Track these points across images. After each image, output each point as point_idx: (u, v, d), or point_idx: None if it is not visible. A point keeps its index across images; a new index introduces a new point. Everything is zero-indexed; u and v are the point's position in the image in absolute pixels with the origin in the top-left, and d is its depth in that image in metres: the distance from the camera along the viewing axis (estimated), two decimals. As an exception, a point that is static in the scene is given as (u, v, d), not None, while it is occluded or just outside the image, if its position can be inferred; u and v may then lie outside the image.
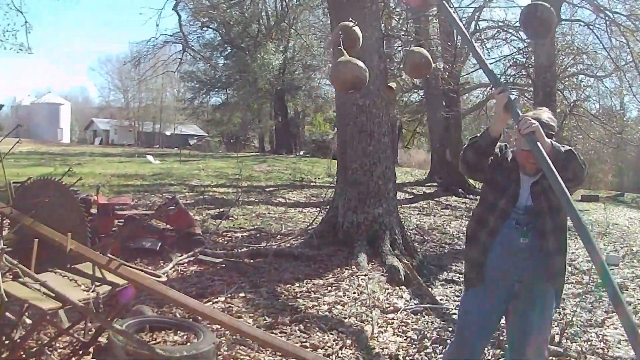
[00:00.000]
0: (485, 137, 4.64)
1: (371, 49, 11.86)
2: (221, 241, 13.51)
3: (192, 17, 44.49)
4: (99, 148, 61.31)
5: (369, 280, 9.97)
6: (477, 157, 4.73)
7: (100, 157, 39.86)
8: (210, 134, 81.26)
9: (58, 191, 7.05)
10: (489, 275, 4.80)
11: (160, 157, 40.73)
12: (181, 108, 73.08)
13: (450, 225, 17.83)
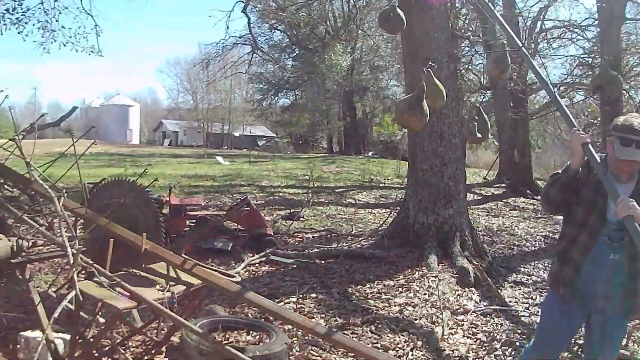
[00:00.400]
0: (567, 172, 4.63)
1: (440, 49, 11.83)
2: (292, 242, 13.57)
3: (261, 19, 44.73)
4: (168, 149, 62.00)
5: (439, 281, 9.96)
6: (562, 194, 4.72)
7: (170, 158, 40.30)
8: (279, 135, 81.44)
9: (132, 192, 7.15)
10: (579, 292, 4.74)
11: (230, 158, 41.01)
12: (250, 109, 73.43)
13: (518, 226, 17.63)
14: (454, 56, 13.00)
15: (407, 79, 12.84)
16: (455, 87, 12.84)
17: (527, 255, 13.66)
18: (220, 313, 7.68)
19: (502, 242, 15.01)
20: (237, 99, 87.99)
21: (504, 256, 13.50)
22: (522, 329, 8.40)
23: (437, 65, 11.65)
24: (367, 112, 61.92)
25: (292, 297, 9.12)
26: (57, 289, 7.53)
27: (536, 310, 9.29)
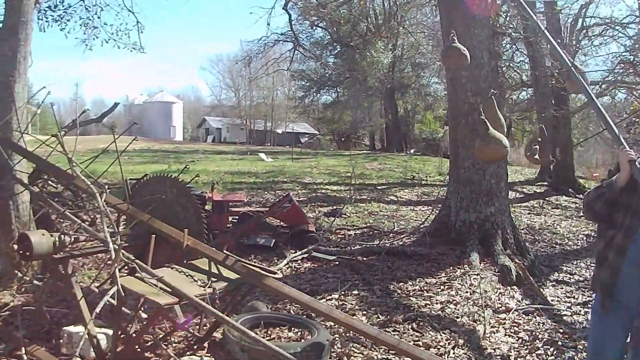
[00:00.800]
0: (613, 189, 4.59)
1: (481, 46, 11.79)
2: (334, 238, 13.60)
3: (302, 16, 44.70)
4: (211, 146, 62.24)
5: (481, 279, 9.93)
6: (607, 207, 4.69)
7: (213, 154, 40.44)
8: (321, 132, 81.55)
9: (174, 188, 7.20)
10: (618, 294, 4.67)
11: (272, 154, 41.14)
12: (292, 106, 73.72)
13: (560, 225, 17.52)
14: (495, 53, 12.91)
15: (448, 76, 12.81)
16: (496, 84, 12.76)
17: (569, 254, 13.58)
18: (262, 309, 7.71)
19: (544, 241, 14.94)
20: (279, 96, 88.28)
21: (546, 255, 13.43)
22: (564, 328, 8.35)
23: (477, 60, 11.71)
24: (409, 110, 61.79)
25: (334, 294, 9.14)
26: (100, 285, 7.60)
27: (578, 309, 9.25)
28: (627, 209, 4.57)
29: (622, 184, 4.53)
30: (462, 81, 11.87)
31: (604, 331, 4.84)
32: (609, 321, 4.77)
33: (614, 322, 4.74)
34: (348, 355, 6.73)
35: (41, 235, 5.75)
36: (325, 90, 61.76)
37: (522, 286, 10.28)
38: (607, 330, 4.81)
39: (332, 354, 6.68)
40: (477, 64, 11.69)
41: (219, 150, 46.93)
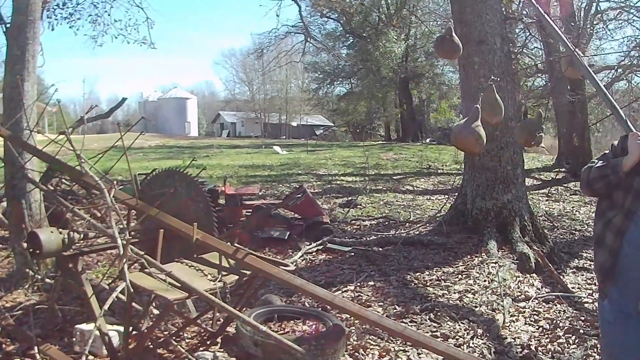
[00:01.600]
0: (617, 172, 4.43)
1: (494, 31, 11.68)
2: (350, 229, 13.54)
3: (312, 8, 44.72)
4: (226, 140, 62.40)
5: (499, 268, 9.81)
6: (606, 188, 4.53)
7: (228, 149, 40.56)
8: (336, 124, 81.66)
9: (183, 182, 7.15)
10: (619, 277, 4.54)
11: (287, 147, 41.22)
12: (306, 99, 73.93)
13: (579, 211, 17.38)
14: (507, 38, 12.79)
15: (460, 62, 12.67)
16: (510, 70, 12.63)
17: (589, 240, 13.40)
18: (276, 302, 7.67)
19: (563, 227, 14.81)
20: (293, 89, 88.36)
21: (566, 241, 13.30)
22: (585, 315, 8.22)
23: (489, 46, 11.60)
24: (424, 99, 61.86)
25: (349, 285, 9.06)
26: (112, 281, 7.58)
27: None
28: (629, 190, 4.43)
29: (628, 169, 4.39)
30: (475, 67, 11.75)
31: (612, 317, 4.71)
32: (614, 306, 4.64)
33: (619, 306, 4.61)
34: (364, 348, 6.64)
35: (50, 233, 5.70)
36: (339, 82, 61.94)
37: (541, 274, 10.16)
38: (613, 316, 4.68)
39: (348, 346, 6.61)
40: (489, 49, 11.61)
41: (234, 145, 47.07)
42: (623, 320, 4.54)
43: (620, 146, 4.57)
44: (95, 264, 9.76)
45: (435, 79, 56.92)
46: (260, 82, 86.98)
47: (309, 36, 37.28)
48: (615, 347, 4.72)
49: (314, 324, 7.04)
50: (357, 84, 60.10)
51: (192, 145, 45.44)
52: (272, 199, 15.98)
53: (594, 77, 5.37)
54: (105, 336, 5.66)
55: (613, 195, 4.51)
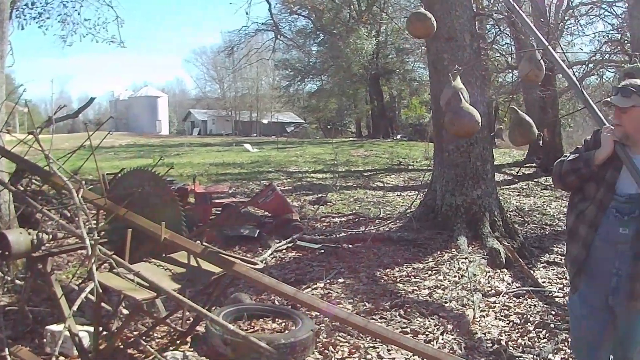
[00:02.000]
0: (589, 165, 4.45)
1: (463, 28, 11.72)
2: (319, 227, 13.52)
3: (283, 5, 44.69)
4: (197, 138, 62.27)
5: (469, 263, 9.83)
6: (579, 181, 4.56)
7: (199, 147, 40.48)
8: (307, 121, 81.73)
9: (151, 181, 7.09)
10: (590, 270, 4.54)
11: (258, 145, 41.15)
12: (277, 96, 73.95)
13: (550, 206, 17.49)
14: (477, 35, 12.82)
15: (429, 58, 12.72)
16: (480, 66, 12.67)
17: (560, 235, 13.48)
18: (246, 301, 7.63)
19: (534, 222, 14.89)
20: (264, 86, 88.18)
21: (536, 236, 13.36)
22: (556, 310, 8.25)
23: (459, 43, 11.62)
24: (395, 96, 61.92)
25: (319, 282, 9.03)
26: (81, 282, 7.52)
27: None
28: (601, 183, 4.44)
29: (600, 162, 4.41)
30: (444, 63, 11.76)
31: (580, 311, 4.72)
32: (584, 300, 4.64)
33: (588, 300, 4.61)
34: (334, 345, 6.62)
35: (19, 234, 5.63)
36: (309, 79, 61.82)
37: (511, 269, 10.19)
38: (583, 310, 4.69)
39: (318, 344, 6.58)
40: (458, 45, 11.65)
41: (205, 143, 46.93)
42: (592, 314, 4.56)
43: (593, 140, 4.61)
44: (66, 265, 9.69)
45: (406, 76, 57.03)
46: (231, 79, 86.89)
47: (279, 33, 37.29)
48: (585, 341, 4.73)
49: (284, 321, 7.04)
50: (328, 81, 60.10)
51: (163, 144, 45.25)
52: (242, 197, 15.95)
53: (567, 70, 5.36)
54: (76, 337, 5.61)
55: (585, 188, 4.54)
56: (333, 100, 62.42)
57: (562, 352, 6.73)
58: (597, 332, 4.61)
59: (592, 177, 4.47)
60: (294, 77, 61.16)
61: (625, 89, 4.32)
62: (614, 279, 4.37)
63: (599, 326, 4.58)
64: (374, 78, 54.53)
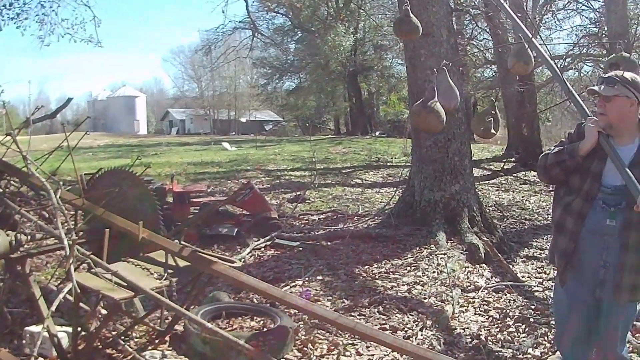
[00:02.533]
0: (574, 156, 4.48)
1: (440, 23, 11.70)
2: (298, 224, 13.52)
3: (260, 3, 44.65)
4: (175, 138, 62.14)
5: (448, 259, 9.84)
6: (563, 173, 4.59)
7: (177, 146, 40.41)
8: (286, 119, 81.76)
9: (129, 180, 7.07)
10: (577, 263, 4.54)
11: (237, 143, 41.12)
12: (255, 94, 74.06)
13: (529, 200, 17.56)
14: (454, 30, 12.83)
15: (406, 54, 12.70)
16: (457, 62, 12.67)
17: (539, 229, 13.56)
18: (224, 299, 7.60)
19: (513, 217, 14.94)
20: (242, 85, 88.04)
21: (515, 231, 13.43)
22: (536, 304, 8.27)
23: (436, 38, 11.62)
24: (373, 92, 61.96)
25: (298, 280, 9.01)
26: (60, 282, 7.48)
27: (550, 284, 9.17)
28: (586, 174, 4.45)
29: (585, 153, 4.41)
30: (421, 59, 11.76)
31: (567, 304, 4.72)
32: (570, 293, 4.65)
33: (575, 293, 4.62)
34: (312, 342, 6.59)
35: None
36: (287, 77, 61.92)
37: (490, 264, 10.21)
38: (569, 302, 4.69)
39: (297, 341, 6.56)
40: (435, 41, 11.63)
41: (183, 142, 46.84)
42: (579, 307, 4.58)
43: (577, 132, 4.63)
44: (45, 266, 9.63)
45: (384, 72, 57.07)
46: (209, 78, 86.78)
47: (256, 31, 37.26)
48: (570, 335, 4.75)
49: (262, 319, 7.02)
50: (306, 79, 60.17)
51: (141, 144, 45.14)
52: (220, 195, 15.94)
53: (552, 63, 5.38)
54: (55, 337, 5.58)
55: (570, 180, 4.57)
56: (311, 98, 62.57)
57: (541, 347, 6.74)
58: (583, 326, 4.62)
59: (577, 169, 4.49)
60: (272, 75, 61.26)
61: (610, 78, 4.36)
62: (602, 271, 4.40)
63: (585, 320, 4.60)
64: (352, 75, 54.57)
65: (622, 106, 4.34)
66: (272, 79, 61.61)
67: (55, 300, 4.44)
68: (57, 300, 4.42)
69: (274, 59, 60.15)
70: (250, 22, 34.60)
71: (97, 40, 19.80)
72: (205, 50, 40.63)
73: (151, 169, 8.84)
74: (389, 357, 6.29)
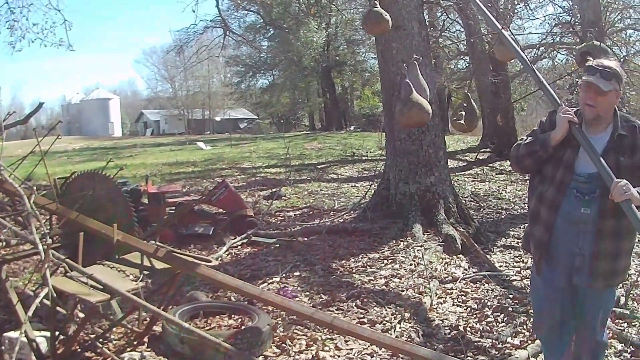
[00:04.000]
0: (546, 147, 4.49)
1: (411, 16, 11.70)
2: (274, 221, 13.48)
3: (231, 1, 44.51)
4: (150, 139, 61.91)
5: (425, 251, 9.86)
6: (536, 163, 4.61)
7: (152, 147, 40.29)
8: (260, 117, 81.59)
9: (102, 183, 7.04)
10: (553, 251, 4.56)
11: (212, 142, 41.03)
12: (229, 93, 73.88)
13: (505, 190, 17.61)
14: (425, 23, 12.83)
15: (378, 48, 12.70)
16: (429, 54, 12.69)
17: (516, 219, 13.61)
18: (202, 299, 7.59)
19: (489, 207, 14.98)
20: (215, 84, 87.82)
21: (492, 221, 13.46)
22: (514, 293, 8.33)
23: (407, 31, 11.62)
24: (347, 87, 61.98)
25: (275, 276, 8.99)
26: (37, 288, 7.45)
27: (528, 273, 9.21)
28: (559, 163, 4.46)
29: (556, 143, 4.42)
30: (393, 52, 11.76)
31: (543, 292, 4.74)
32: (547, 281, 4.67)
33: (551, 281, 4.64)
34: (291, 338, 6.59)
35: (-29, 242, 5.58)
36: (261, 74, 61.89)
37: (468, 254, 10.25)
38: (546, 290, 4.71)
39: (275, 338, 6.55)
40: (407, 34, 11.63)
41: (158, 143, 46.67)
42: (555, 295, 4.61)
43: (549, 121, 4.64)
44: (22, 271, 9.58)
45: (358, 67, 57.14)
46: (182, 78, 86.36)
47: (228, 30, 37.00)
48: (547, 323, 4.77)
49: (240, 317, 7.02)
50: (280, 76, 60.17)
51: (116, 146, 44.92)
52: (196, 195, 15.91)
53: (521, 53, 5.39)
54: (33, 342, 5.56)
55: (543, 170, 4.58)
56: (285, 95, 62.42)
57: (520, 335, 6.77)
58: (559, 313, 4.65)
59: (550, 158, 4.50)
60: (245, 73, 61.14)
61: (606, 72, 4.33)
62: (578, 259, 4.42)
63: (561, 307, 4.63)
64: (325, 70, 54.58)
65: (612, 100, 4.37)
66: (246, 77, 61.49)
67: (32, 305, 4.42)
68: (34, 305, 4.39)
69: (246, 57, 60.01)
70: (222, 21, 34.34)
71: (68, 44, 19.63)
72: (177, 50, 40.35)
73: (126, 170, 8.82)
74: (368, 351, 6.29)
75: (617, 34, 27.50)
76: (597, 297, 4.54)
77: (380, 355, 6.23)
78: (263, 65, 59.13)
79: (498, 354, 6.33)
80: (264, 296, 5.85)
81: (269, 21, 52.60)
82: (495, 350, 6.43)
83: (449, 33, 30.25)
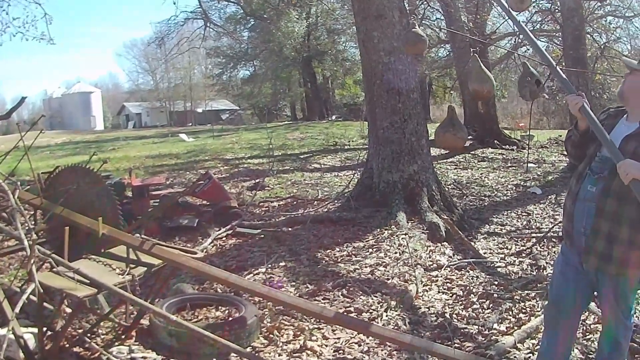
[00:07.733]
0: (577, 130, 4.59)
1: (392, 5, 11.70)
2: (258, 212, 13.47)
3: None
4: (132, 132, 61.78)
5: (409, 239, 9.86)
6: (577, 149, 4.69)
7: (134, 140, 40.20)
8: (242, 107, 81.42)
9: (86, 177, 7.02)
10: (570, 230, 4.56)
11: (194, 134, 40.99)
12: (210, 84, 73.72)
13: (488, 177, 17.65)
14: (406, 11, 12.83)
15: (359, 37, 12.68)
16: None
17: (499, 205, 13.65)
18: (188, 291, 7.59)
19: (472, 194, 14.99)
20: (197, 75, 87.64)
21: (476, 208, 13.47)
22: (499, 280, 8.36)
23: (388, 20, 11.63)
24: (328, 77, 62.02)
25: (261, 267, 8.98)
26: (23, 284, 7.43)
27: (512, 259, 9.28)
28: (586, 159, 4.54)
29: (582, 128, 4.49)
30: (375, 41, 11.76)
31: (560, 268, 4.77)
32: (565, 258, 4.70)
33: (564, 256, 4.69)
34: (279, 329, 6.61)
35: (-44, 239, 5.57)
36: (242, 65, 61.77)
37: (452, 242, 10.26)
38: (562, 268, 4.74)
39: (262, 329, 6.58)
40: (388, 23, 11.63)
41: (140, 135, 46.62)
42: (567, 271, 4.67)
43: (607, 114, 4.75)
44: (8, 268, 9.54)
45: (338, 56, 57.12)
46: (163, 70, 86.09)
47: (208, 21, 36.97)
48: (555, 302, 4.80)
49: (227, 309, 7.02)
50: (261, 66, 60.10)
51: (98, 139, 44.79)
52: (179, 187, 15.90)
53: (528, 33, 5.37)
54: (21, 339, 5.54)
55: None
56: (267, 85, 62.34)
57: (506, 322, 6.81)
58: (567, 292, 4.64)
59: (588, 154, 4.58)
60: (226, 64, 61.03)
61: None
62: (583, 239, 4.44)
63: (570, 286, 4.62)
64: (306, 60, 54.62)
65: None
66: (227, 68, 61.38)
67: (19, 301, 4.42)
68: (21, 302, 4.40)
69: (227, 48, 59.89)
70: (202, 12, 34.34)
71: (49, 38, 19.60)
72: (158, 43, 40.30)
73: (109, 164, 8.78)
74: (355, 340, 6.32)
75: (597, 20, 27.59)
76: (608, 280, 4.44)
77: (367, 343, 6.25)
78: (244, 56, 58.99)
79: (485, 340, 6.35)
80: (250, 287, 5.87)
81: (249, 12, 52.49)
82: (481, 336, 6.46)
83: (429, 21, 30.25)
